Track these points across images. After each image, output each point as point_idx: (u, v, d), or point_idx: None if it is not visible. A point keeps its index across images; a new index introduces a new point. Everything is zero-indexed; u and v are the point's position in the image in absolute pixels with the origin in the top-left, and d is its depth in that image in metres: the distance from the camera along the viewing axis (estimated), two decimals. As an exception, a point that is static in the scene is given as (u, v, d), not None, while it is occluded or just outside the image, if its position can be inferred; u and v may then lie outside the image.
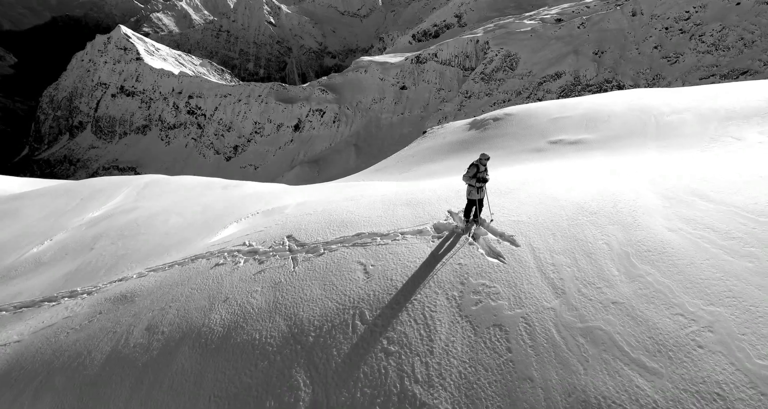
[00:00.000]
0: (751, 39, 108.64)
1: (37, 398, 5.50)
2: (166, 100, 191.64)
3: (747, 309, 3.66)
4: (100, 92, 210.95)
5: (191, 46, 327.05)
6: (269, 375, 4.48)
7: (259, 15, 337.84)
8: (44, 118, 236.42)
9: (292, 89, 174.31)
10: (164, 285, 6.85)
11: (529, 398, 3.55)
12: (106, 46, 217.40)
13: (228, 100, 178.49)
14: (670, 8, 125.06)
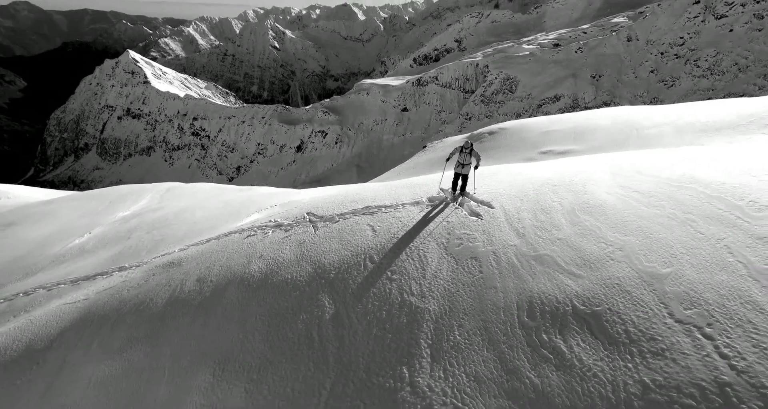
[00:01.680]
0: (745, 64, 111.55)
1: (114, 330, 6.88)
2: (171, 122, 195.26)
3: (647, 237, 5.07)
4: (107, 114, 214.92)
5: (197, 69, 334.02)
6: (301, 299, 5.85)
7: (264, 40, 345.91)
8: (51, 140, 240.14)
9: (295, 111, 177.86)
10: (205, 252, 8.26)
11: (492, 298, 4.93)
12: (114, 70, 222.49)
13: (232, 122, 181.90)
14: (665, 34, 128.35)
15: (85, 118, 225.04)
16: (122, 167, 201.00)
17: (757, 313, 3.88)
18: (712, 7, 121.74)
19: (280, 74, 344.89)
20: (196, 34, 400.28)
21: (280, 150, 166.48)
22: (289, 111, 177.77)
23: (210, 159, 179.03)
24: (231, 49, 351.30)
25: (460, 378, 4.28)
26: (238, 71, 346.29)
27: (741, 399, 3.35)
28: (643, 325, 4.10)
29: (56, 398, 6.28)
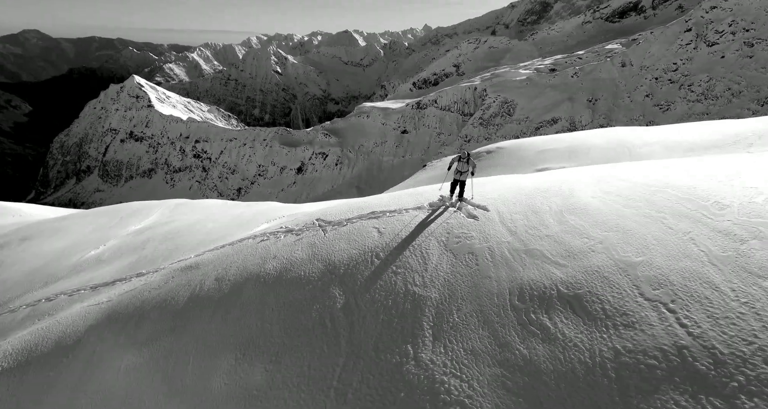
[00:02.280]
0: (738, 89, 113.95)
1: (139, 326, 7.45)
2: (173, 145, 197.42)
3: (624, 232, 5.73)
4: (110, 137, 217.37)
5: (200, 93, 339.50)
6: (314, 292, 6.46)
7: (266, 65, 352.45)
8: (53, 163, 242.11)
9: (296, 133, 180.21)
10: (221, 256, 8.88)
11: (487, 286, 5.55)
12: (119, 94, 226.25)
13: (233, 144, 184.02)
14: (658, 60, 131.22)
15: (89, 141, 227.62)
16: (123, 189, 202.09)
17: (712, 290, 4.51)
18: (704, 34, 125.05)
19: (281, 98, 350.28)
20: (200, 60, 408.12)
21: (280, 172, 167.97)
22: (290, 133, 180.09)
23: (211, 181, 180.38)
24: (234, 74, 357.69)
25: (458, 352, 4.87)
26: (241, 95, 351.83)
27: (695, 358, 3.95)
28: (618, 303, 4.72)
29: (88, 384, 6.81)
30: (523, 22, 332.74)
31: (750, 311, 4.20)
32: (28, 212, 24.33)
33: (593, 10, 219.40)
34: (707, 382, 3.77)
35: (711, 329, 4.14)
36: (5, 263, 14.87)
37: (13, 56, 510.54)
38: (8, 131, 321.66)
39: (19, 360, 7.92)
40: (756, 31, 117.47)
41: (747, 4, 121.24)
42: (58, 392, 6.94)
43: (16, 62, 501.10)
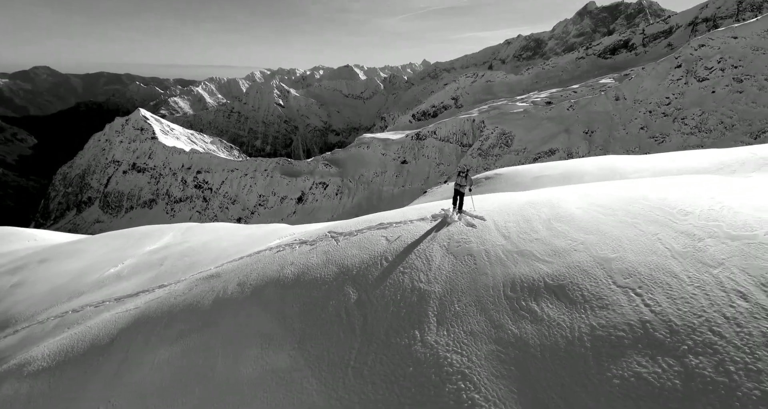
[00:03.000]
0: (731, 123, 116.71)
1: (168, 326, 8.19)
2: (175, 176, 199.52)
3: (603, 234, 6.60)
4: (113, 169, 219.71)
5: (203, 125, 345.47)
6: (329, 291, 7.27)
7: (269, 98, 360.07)
8: (54, 194, 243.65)
9: (297, 164, 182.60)
10: (241, 266, 9.69)
11: (484, 281, 6.38)
12: (124, 127, 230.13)
13: (235, 175, 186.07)
14: (651, 94, 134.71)
15: (91, 172, 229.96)
16: (123, 220, 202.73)
17: (673, 278, 5.35)
18: (693, 70, 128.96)
19: (283, 129, 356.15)
20: (204, 93, 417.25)
21: (281, 201, 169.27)
22: (291, 164, 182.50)
23: (211, 211, 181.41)
24: (237, 107, 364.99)
25: (459, 334, 5.65)
26: (243, 127, 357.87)
27: (655, 329, 4.75)
28: (594, 290, 5.55)
29: (124, 377, 7.50)
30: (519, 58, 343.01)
31: (701, 292, 5.03)
32: (42, 237, 25.15)
33: (586, 47, 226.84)
34: (664, 346, 4.57)
35: (669, 307, 4.96)
36: (27, 282, 15.60)
37: (23, 91, 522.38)
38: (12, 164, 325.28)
39: (57, 360, 8.62)
40: (744, 68, 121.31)
41: (733, 43, 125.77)
42: (96, 385, 7.62)
43: (25, 97, 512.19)
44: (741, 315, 4.64)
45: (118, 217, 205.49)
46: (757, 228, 5.90)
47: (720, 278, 5.18)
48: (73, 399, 7.60)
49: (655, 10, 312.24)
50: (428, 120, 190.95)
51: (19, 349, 10.16)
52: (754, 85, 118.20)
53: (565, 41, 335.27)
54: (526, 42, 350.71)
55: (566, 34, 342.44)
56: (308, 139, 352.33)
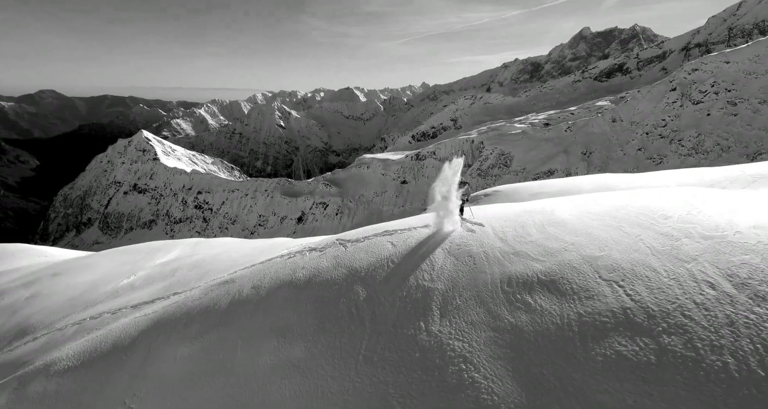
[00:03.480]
0: (727, 145, 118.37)
1: (187, 326, 8.74)
2: (175, 196, 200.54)
3: (591, 236, 7.25)
4: (114, 190, 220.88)
5: (205, 147, 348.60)
6: (340, 290, 7.87)
7: (270, 119, 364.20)
8: (54, 216, 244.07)
9: (298, 184, 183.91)
10: (254, 271, 10.28)
11: (483, 278, 6.99)
12: (126, 148, 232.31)
13: (235, 195, 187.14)
14: (647, 116, 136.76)
15: (92, 193, 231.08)
16: (122, 241, 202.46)
17: (651, 272, 5.98)
18: (688, 94, 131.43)
19: (284, 150, 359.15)
20: (206, 115, 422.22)
21: (280, 221, 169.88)
22: (292, 184, 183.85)
23: (211, 231, 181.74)
24: (239, 128, 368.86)
25: (460, 324, 6.24)
26: (244, 148, 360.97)
27: (634, 314, 5.36)
28: (582, 283, 6.17)
29: (147, 372, 8.02)
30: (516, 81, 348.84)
31: (675, 283, 5.66)
32: (51, 253, 25.70)
33: (582, 70, 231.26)
34: (641, 328, 5.17)
35: (647, 296, 5.58)
36: (41, 294, 16.12)
37: (28, 114, 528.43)
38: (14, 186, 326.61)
39: (82, 359, 9.13)
40: (738, 92, 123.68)
41: (726, 68, 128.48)
42: (120, 379, 8.13)
43: (29, 120, 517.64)
44: (709, 301, 5.26)
45: (117, 238, 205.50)
46: (727, 229, 6.55)
47: (693, 271, 5.81)
48: (99, 393, 8.10)
49: (648, 36, 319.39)
50: (428, 141, 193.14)
51: (41, 353, 10.65)
52: (749, 108, 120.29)
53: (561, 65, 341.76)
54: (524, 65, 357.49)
55: (562, 58, 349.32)
56: (309, 160, 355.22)
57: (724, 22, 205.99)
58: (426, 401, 5.38)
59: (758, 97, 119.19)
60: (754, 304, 5.05)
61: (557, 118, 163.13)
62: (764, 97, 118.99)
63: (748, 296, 5.18)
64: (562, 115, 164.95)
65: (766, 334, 4.68)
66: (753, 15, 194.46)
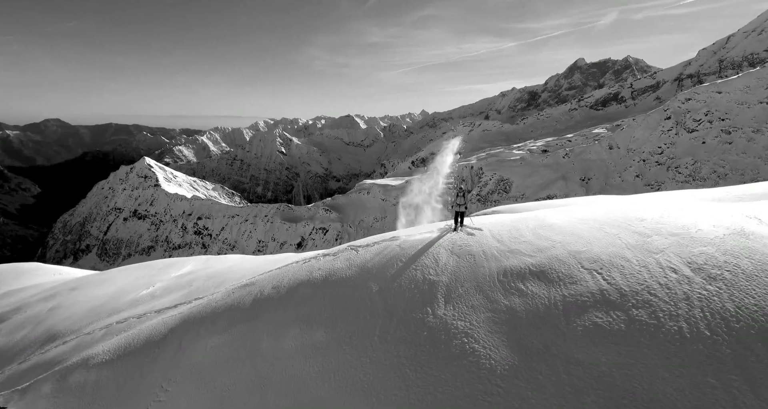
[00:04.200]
0: (723, 172, 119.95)
1: (215, 322, 9.66)
2: (175, 222, 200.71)
3: (576, 236, 8.29)
4: (114, 216, 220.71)
5: (206, 173, 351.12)
6: (354, 285, 8.84)
7: (271, 146, 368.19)
8: (53, 242, 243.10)
9: (298, 209, 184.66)
10: (273, 275, 11.24)
11: (482, 272, 7.99)
12: (128, 175, 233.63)
13: (235, 221, 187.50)
14: (643, 144, 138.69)
15: (92, 220, 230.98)
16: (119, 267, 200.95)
17: (625, 261, 6.99)
18: (683, 122, 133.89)
19: (284, 176, 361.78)
20: (209, 142, 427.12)
21: (280, 247, 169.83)
22: (292, 209, 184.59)
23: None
24: (240, 155, 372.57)
25: (463, 308, 7.21)
26: (245, 174, 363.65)
27: (610, 294, 6.36)
28: (567, 272, 7.17)
29: (181, 361, 8.89)
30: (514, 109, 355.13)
31: (645, 269, 6.67)
32: (66, 272, 26.58)
33: (578, 99, 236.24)
34: (615, 304, 6.16)
35: (621, 280, 6.58)
36: (63, 306, 16.97)
37: (32, 143, 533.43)
38: (14, 213, 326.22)
39: (118, 354, 10.00)
40: (731, 121, 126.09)
41: (718, 98, 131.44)
42: (155, 369, 8.99)
43: (33, 148, 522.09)
44: (671, 282, 6.26)
45: (115, 264, 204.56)
46: (691, 228, 7.61)
47: (659, 260, 6.83)
48: (136, 382, 8.95)
49: (641, 67, 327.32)
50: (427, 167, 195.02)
51: (74, 352, 11.48)
52: (742, 136, 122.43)
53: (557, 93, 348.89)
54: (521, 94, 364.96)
55: (558, 87, 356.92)
56: (309, 186, 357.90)
57: (714, 55, 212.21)
58: (434, 368, 6.31)
59: (752, 127, 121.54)
60: (707, 283, 6.05)
61: (555, 144, 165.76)
62: (758, 127, 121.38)
63: (702, 277, 6.19)
64: (559, 142, 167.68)
65: (714, 305, 5.68)
66: (742, 48, 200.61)
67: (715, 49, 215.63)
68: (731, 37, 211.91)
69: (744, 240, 6.81)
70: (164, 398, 8.13)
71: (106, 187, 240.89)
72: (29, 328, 15.14)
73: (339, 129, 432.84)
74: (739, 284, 5.86)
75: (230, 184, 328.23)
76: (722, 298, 5.73)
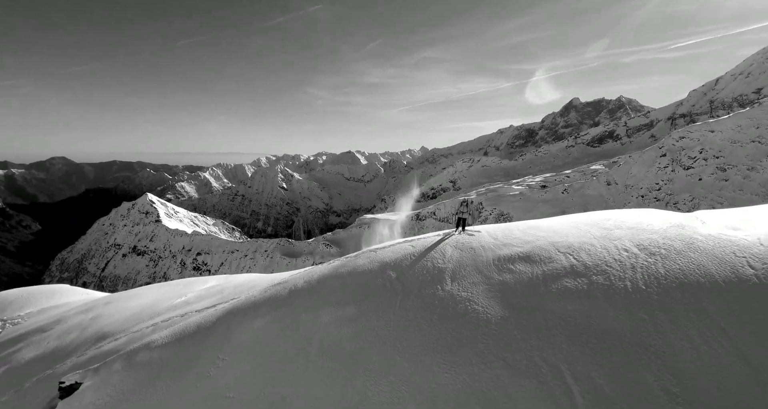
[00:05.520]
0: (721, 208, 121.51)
1: (257, 310, 11.54)
2: (174, 258, 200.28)
3: (557, 232, 10.35)
4: (113, 252, 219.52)
5: (207, 208, 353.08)
6: (375, 275, 10.80)
7: (273, 181, 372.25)
8: (49, 280, 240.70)
9: (298, 244, 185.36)
10: (302, 275, 13.15)
11: (481, 260, 10.00)
12: (130, 211, 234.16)
13: (234, 256, 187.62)
14: (641, 180, 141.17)
15: (90, 257, 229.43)
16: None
17: (591, 246, 9.03)
18: (678, 159, 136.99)
19: (285, 211, 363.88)
20: (211, 178, 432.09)
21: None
22: (292, 244, 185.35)
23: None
24: (242, 190, 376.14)
25: (465, 284, 9.17)
26: (246, 209, 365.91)
27: (577, 267, 8.37)
28: (546, 256, 9.19)
29: (232, 338, 10.72)
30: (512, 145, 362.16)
31: (605, 250, 8.70)
32: (92, 292, 28.31)
33: (575, 136, 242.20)
34: (581, 274, 8.16)
35: (587, 258, 8.60)
36: (104, 315, 18.72)
37: (36, 180, 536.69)
38: (12, 251, 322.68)
39: (174, 338, 11.79)
40: (726, 159, 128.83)
41: (711, 136, 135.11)
42: (209, 347, 10.79)
43: (37, 185, 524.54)
44: (622, 258, 8.29)
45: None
46: (645, 224, 9.68)
47: (617, 244, 8.88)
48: (194, 356, 10.72)
49: (634, 106, 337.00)
50: (428, 201, 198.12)
51: (128, 345, 13.23)
52: (738, 174, 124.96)
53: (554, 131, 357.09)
54: (518, 131, 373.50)
55: (555, 125, 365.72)
56: (309, 221, 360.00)
57: (704, 96, 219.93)
58: (445, 323, 8.22)
59: (746, 164, 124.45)
60: (648, 257, 8.08)
61: (554, 180, 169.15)
62: (752, 164, 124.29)
63: (645, 254, 8.23)
64: (558, 177, 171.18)
65: (650, 270, 7.68)
66: (731, 90, 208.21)
67: (705, 91, 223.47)
68: (720, 79, 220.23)
69: (681, 230, 8.89)
70: (221, 365, 9.91)
71: (107, 223, 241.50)
72: (76, 333, 16.85)
73: (340, 165, 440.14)
74: (670, 257, 7.90)
75: (231, 219, 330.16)
76: (657, 266, 7.76)
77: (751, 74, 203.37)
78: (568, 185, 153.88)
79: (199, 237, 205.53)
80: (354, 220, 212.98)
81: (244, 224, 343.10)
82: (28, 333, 18.63)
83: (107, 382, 10.80)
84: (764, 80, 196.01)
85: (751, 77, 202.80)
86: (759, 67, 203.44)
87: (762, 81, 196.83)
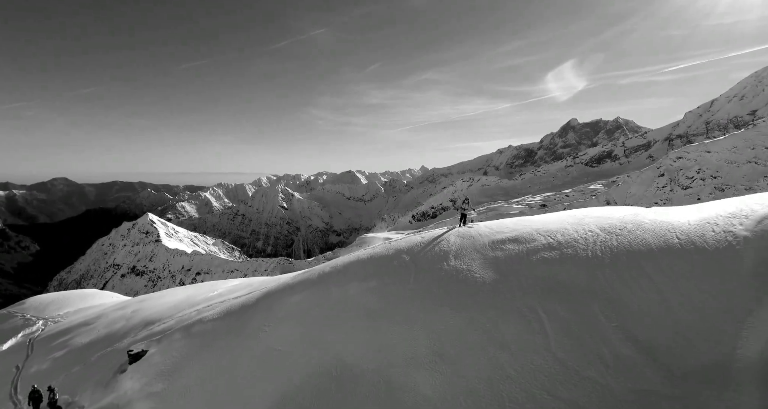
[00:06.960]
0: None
1: (293, 289, 13.90)
2: (173, 278, 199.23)
3: (544, 223, 12.83)
4: (111, 273, 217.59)
5: (207, 228, 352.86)
6: (392, 258, 13.22)
7: (273, 201, 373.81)
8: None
9: (298, 263, 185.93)
10: (326, 263, 15.54)
11: (479, 244, 12.43)
12: (130, 231, 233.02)
13: (234, 276, 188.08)
14: (640, 199, 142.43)
15: (89, 277, 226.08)
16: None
17: (565, 230, 11.47)
18: (676, 179, 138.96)
19: (285, 230, 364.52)
20: (211, 198, 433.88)
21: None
22: (292, 263, 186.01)
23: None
24: (242, 210, 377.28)
25: (466, 260, 11.57)
26: (246, 228, 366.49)
27: (552, 244, 10.81)
28: (531, 238, 11.62)
29: (272, 311, 13.06)
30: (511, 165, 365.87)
31: (575, 232, 11.14)
32: (120, 296, 30.53)
33: (573, 156, 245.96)
34: (555, 248, 10.60)
35: (561, 237, 11.04)
36: (144, 308, 20.96)
37: (37, 201, 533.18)
38: (10, 272, 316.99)
39: (223, 314, 14.11)
40: (723, 179, 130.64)
41: (708, 157, 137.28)
42: (254, 318, 13.11)
43: (37, 206, 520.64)
44: (588, 236, 10.74)
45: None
46: (608, 215, 12.16)
47: (585, 227, 11.33)
48: (241, 327, 13.03)
49: (631, 127, 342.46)
50: (428, 220, 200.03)
51: (179, 324, 15.50)
52: (736, 193, 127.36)
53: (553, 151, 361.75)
54: (517, 151, 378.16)
55: (554, 145, 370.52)
56: (309, 240, 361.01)
57: (700, 117, 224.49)
58: (449, 285, 10.61)
59: (744, 184, 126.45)
60: (606, 235, 10.53)
61: (553, 199, 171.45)
62: (750, 184, 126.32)
63: (605, 233, 10.68)
64: (557, 197, 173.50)
65: (607, 243, 10.12)
66: (726, 111, 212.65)
67: (701, 112, 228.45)
68: (714, 101, 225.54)
69: (635, 217, 11.37)
70: (267, 330, 12.25)
71: (107, 243, 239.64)
72: (122, 323, 19.09)
73: (340, 184, 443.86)
74: (623, 234, 10.36)
75: (231, 238, 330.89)
76: (612, 240, 10.21)
77: (746, 97, 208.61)
78: (567, 204, 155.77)
79: (199, 257, 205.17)
80: (354, 239, 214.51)
81: (244, 243, 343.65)
82: (74, 327, 20.84)
83: (170, 347, 13.08)
84: (758, 102, 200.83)
85: (745, 100, 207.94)
86: (752, 90, 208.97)
87: (756, 103, 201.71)
